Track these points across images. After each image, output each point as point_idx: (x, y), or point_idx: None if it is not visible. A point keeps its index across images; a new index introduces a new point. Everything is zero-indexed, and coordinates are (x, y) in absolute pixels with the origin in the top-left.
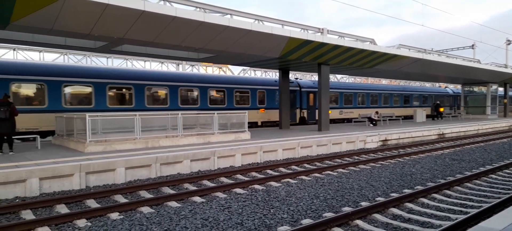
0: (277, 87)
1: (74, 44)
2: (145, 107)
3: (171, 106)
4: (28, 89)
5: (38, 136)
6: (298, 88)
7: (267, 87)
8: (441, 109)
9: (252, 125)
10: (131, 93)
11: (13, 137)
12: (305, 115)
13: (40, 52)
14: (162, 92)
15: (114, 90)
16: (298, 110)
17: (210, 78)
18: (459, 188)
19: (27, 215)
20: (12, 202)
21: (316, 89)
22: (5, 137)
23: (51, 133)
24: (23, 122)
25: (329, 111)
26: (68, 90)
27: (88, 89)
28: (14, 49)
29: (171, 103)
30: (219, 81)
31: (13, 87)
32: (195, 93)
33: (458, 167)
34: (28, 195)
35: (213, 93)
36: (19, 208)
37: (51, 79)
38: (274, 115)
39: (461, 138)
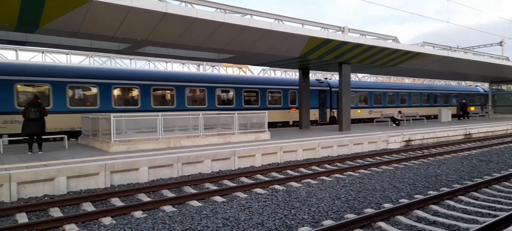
0: (311, 88)
1: (99, 47)
2: (186, 108)
3: (209, 106)
4: (82, 91)
5: (66, 136)
6: (328, 88)
7: (297, 88)
8: (472, 108)
9: (284, 124)
10: (173, 95)
11: (43, 137)
12: (335, 114)
13: (67, 54)
14: (201, 93)
15: (158, 91)
16: (328, 110)
17: (244, 79)
18: (487, 190)
19: (55, 212)
20: (41, 199)
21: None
22: (35, 137)
23: None
24: (78, 121)
25: (358, 111)
26: (116, 92)
27: (135, 91)
28: (42, 52)
29: (209, 104)
30: (253, 82)
31: (69, 90)
32: (231, 94)
33: (486, 168)
34: (56, 193)
35: (248, 94)
36: (48, 205)
37: (103, 82)
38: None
39: (489, 138)
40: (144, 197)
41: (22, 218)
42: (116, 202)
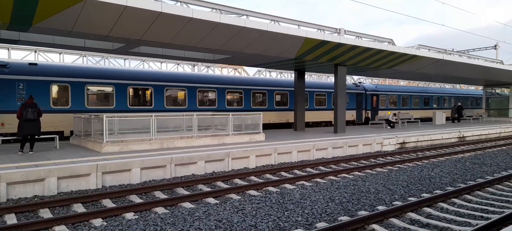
0: (349, 91)
1: (93, 46)
2: (251, 108)
3: (269, 107)
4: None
5: (57, 136)
6: (363, 91)
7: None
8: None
9: (328, 124)
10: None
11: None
12: (369, 115)
13: (60, 53)
14: (260, 95)
15: (202, 93)
16: (363, 111)
17: (277, 82)
18: (480, 192)
19: (45, 213)
20: (31, 200)
21: (379, 92)
22: (29, 137)
23: None
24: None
25: (388, 113)
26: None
27: (182, 92)
28: (35, 51)
29: (268, 105)
30: (283, 85)
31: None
32: (287, 96)
33: (479, 171)
34: (46, 194)
35: (279, 96)
36: (38, 206)
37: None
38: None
39: (482, 141)
40: (136, 199)
41: (11, 219)
42: (108, 203)
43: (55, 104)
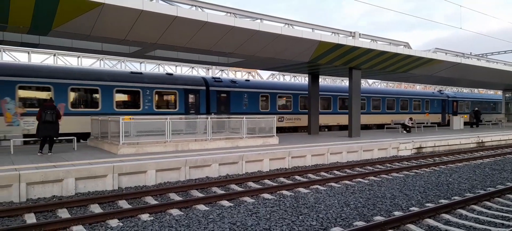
0: (437, 97)
1: (110, 50)
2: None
3: (369, 110)
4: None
5: (75, 138)
6: (446, 98)
7: (430, 97)
8: None
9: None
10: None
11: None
12: (450, 118)
13: (78, 57)
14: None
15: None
16: (446, 115)
17: (387, 91)
18: (500, 199)
19: (63, 213)
20: (50, 200)
21: (458, 98)
22: (48, 138)
23: None
24: None
25: (465, 116)
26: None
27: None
28: (54, 55)
29: (371, 108)
30: (392, 93)
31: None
32: (379, 102)
33: (499, 177)
34: (64, 195)
35: (389, 102)
36: (56, 206)
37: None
38: (433, 117)
39: (502, 146)
40: (151, 200)
41: (30, 218)
42: (124, 204)
43: (263, 108)
